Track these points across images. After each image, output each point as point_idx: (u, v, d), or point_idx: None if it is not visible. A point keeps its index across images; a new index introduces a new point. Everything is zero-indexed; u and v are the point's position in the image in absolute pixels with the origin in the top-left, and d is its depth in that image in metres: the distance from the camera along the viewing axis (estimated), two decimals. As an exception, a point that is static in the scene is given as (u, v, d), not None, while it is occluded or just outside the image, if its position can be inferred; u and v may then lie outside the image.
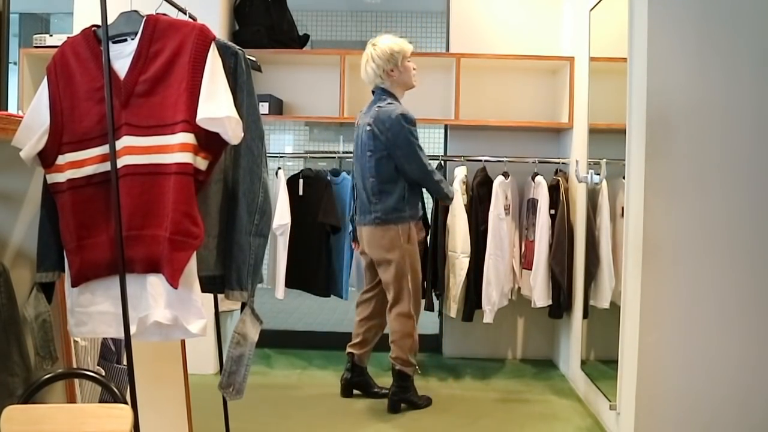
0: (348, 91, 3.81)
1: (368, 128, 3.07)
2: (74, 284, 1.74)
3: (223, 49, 1.75)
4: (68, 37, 1.82)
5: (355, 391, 3.35)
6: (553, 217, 3.60)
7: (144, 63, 1.70)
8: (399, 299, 3.12)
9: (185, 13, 2.11)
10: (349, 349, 3.32)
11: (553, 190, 3.63)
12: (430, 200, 3.75)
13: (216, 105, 1.65)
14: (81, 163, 1.72)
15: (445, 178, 3.76)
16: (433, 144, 6.03)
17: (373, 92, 3.19)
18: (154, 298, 1.67)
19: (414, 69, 3.16)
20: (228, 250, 1.81)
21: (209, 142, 1.67)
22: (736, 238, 2.46)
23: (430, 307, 3.69)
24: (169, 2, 1.98)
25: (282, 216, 3.55)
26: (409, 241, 3.09)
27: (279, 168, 3.68)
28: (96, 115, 1.71)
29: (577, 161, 3.44)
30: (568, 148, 3.81)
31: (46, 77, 1.78)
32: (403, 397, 3.16)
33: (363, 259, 3.33)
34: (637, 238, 2.50)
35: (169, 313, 1.67)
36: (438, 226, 3.66)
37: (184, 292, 1.67)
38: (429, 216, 3.76)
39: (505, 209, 3.63)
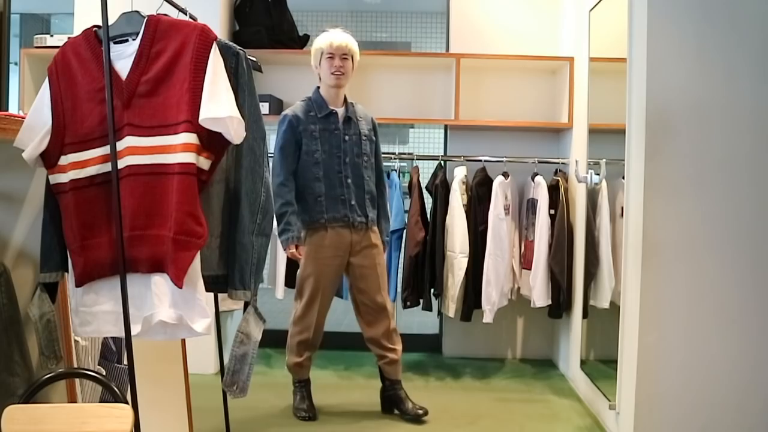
0: (348, 90, 3.80)
1: None
2: (78, 284, 1.75)
3: (224, 50, 1.76)
4: (69, 38, 1.82)
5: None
6: (552, 217, 3.61)
7: (146, 63, 1.70)
8: None
9: (186, 14, 2.11)
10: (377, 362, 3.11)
11: (553, 190, 3.64)
12: (430, 200, 3.76)
13: (218, 105, 1.65)
14: (83, 164, 1.72)
15: (446, 177, 3.76)
16: (433, 144, 6.03)
17: None
18: (159, 297, 1.67)
19: (335, 66, 2.89)
20: (231, 249, 1.82)
21: (211, 142, 1.68)
22: (735, 237, 2.46)
23: (428, 307, 3.69)
24: (169, 2, 1.98)
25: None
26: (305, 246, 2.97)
27: (279, 168, 3.67)
28: (98, 116, 1.71)
29: (576, 161, 3.44)
30: (567, 148, 3.81)
31: (47, 78, 1.78)
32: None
33: None
34: (637, 238, 2.50)
35: (174, 312, 1.68)
36: (437, 226, 3.66)
37: (189, 291, 1.67)
38: (428, 215, 3.77)
39: (504, 209, 3.63)
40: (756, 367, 2.48)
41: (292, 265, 3.60)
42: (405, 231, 3.71)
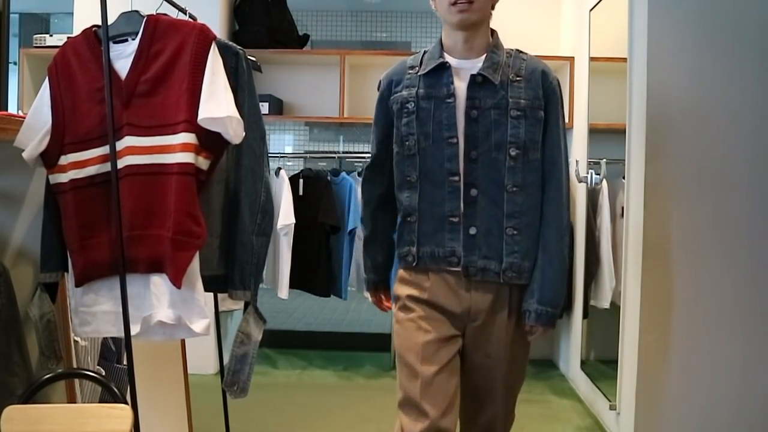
0: (348, 91, 3.80)
1: None
2: (78, 284, 1.74)
3: (224, 49, 1.75)
4: (69, 38, 1.82)
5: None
6: (553, 217, 3.60)
7: (145, 63, 1.70)
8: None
9: (185, 13, 2.11)
10: None
11: (553, 190, 3.63)
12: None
13: (217, 105, 1.65)
14: (83, 164, 1.72)
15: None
16: (433, 144, 6.03)
17: None
18: (158, 297, 1.67)
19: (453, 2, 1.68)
20: (231, 249, 1.82)
21: (210, 141, 1.68)
22: (736, 237, 2.46)
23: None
24: (169, 2, 1.98)
25: (286, 216, 3.54)
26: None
27: (280, 168, 3.68)
28: (97, 116, 1.71)
29: (577, 161, 3.44)
30: (568, 148, 3.80)
31: (47, 78, 1.78)
32: None
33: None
34: (637, 238, 2.50)
35: (173, 312, 1.68)
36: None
37: (187, 291, 1.67)
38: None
39: (505, 209, 3.60)
40: (757, 367, 2.47)
41: (292, 264, 3.60)
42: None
